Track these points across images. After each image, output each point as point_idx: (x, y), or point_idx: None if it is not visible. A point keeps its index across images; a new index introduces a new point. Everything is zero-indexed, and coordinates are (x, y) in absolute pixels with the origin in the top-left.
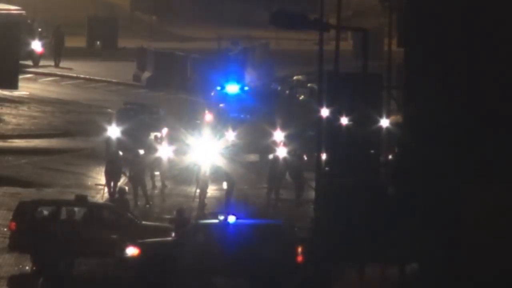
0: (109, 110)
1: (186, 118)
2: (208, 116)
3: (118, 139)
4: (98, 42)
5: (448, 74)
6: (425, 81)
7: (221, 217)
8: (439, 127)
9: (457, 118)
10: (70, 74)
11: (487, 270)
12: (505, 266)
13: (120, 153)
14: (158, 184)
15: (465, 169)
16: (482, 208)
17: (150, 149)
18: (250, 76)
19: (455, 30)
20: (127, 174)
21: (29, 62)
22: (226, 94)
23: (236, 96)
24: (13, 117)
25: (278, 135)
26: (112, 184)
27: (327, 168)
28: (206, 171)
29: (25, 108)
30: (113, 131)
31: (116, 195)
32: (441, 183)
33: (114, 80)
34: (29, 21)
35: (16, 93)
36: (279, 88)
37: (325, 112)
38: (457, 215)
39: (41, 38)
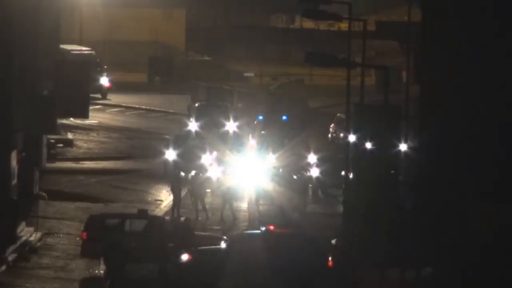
0: (167, 136)
1: (231, 143)
2: (252, 142)
3: (174, 161)
4: (157, 78)
5: (456, 106)
6: (437, 111)
7: (263, 228)
8: (451, 151)
9: (466, 144)
10: (134, 105)
11: (494, 276)
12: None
13: (182, 174)
14: (209, 199)
15: (472, 188)
16: (490, 224)
17: (202, 169)
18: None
19: (460, 69)
20: (188, 190)
21: (98, 95)
22: (268, 121)
23: (276, 123)
24: (84, 142)
25: (312, 158)
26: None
27: (353, 186)
28: (232, 190)
29: (94, 134)
30: (170, 155)
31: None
32: (451, 200)
33: (171, 111)
34: (98, 60)
35: (87, 121)
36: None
37: (352, 138)
38: (465, 229)
39: (108, 75)
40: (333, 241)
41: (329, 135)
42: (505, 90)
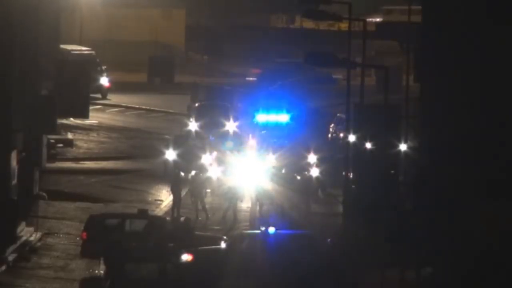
0: (167, 136)
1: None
2: (252, 141)
3: (175, 161)
4: (157, 78)
5: (455, 105)
6: (437, 111)
7: (263, 228)
8: (451, 151)
9: (466, 143)
10: (134, 106)
11: (494, 276)
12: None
13: (182, 174)
14: (209, 199)
15: (472, 188)
16: (490, 224)
17: (202, 169)
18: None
19: (460, 69)
20: (188, 190)
21: (98, 95)
22: (267, 122)
23: (276, 124)
24: (84, 142)
25: (312, 158)
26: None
27: (353, 186)
28: (233, 190)
29: (94, 134)
30: (170, 154)
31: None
32: (450, 200)
33: (171, 111)
34: (98, 60)
35: (87, 122)
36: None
37: (352, 137)
38: (465, 229)
39: (107, 75)
40: (328, 241)
41: (329, 135)
42: (505, 89)
